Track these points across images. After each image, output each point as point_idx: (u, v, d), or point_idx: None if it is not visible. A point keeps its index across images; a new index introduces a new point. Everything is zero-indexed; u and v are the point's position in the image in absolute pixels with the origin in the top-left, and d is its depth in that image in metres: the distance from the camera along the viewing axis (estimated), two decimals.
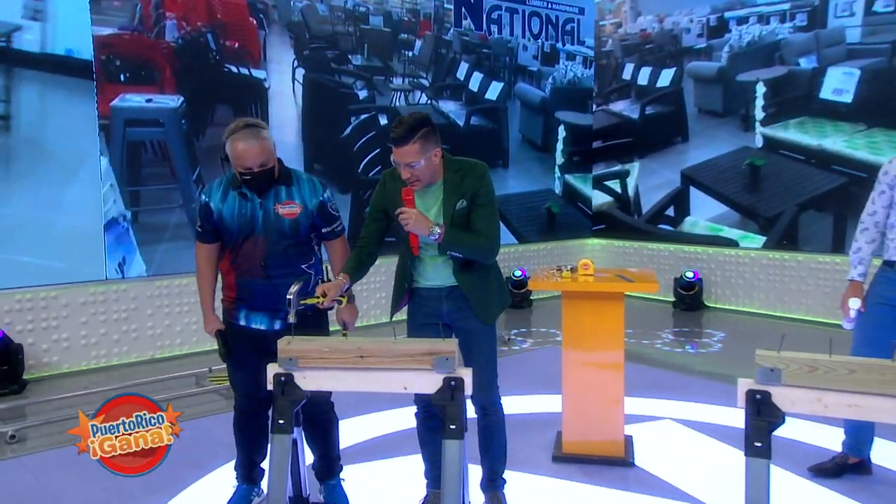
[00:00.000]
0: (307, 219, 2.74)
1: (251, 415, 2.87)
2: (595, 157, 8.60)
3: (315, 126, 6.45)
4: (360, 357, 2.18)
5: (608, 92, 8.43)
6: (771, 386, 1.92)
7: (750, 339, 6.18)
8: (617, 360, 3.48)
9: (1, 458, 3.66)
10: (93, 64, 5.27)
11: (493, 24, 7.67)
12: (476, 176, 2.63)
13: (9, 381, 4.74)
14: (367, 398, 4.03)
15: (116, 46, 5.41)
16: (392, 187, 2.68)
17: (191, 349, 5.75)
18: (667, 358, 5.63)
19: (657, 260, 7.91)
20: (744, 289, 7.23)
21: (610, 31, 8.37)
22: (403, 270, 2.74)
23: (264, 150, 2.60)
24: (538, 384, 4.59)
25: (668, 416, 4.10)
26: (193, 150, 5.77)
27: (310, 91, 6.41)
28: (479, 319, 2.69)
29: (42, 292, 5.11)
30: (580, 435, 3.51)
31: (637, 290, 3.52)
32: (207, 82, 5.83)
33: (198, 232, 2.81)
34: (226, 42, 5.92)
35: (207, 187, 2.77)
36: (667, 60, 7.86)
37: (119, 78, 5.44)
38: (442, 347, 2.16)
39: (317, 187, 2.78)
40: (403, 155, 2.52)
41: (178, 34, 5.67)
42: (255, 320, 2.78)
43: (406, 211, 2.52)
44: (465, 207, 2.61)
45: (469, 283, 2.66)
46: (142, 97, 5.54)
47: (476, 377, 2.71)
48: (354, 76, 6.71)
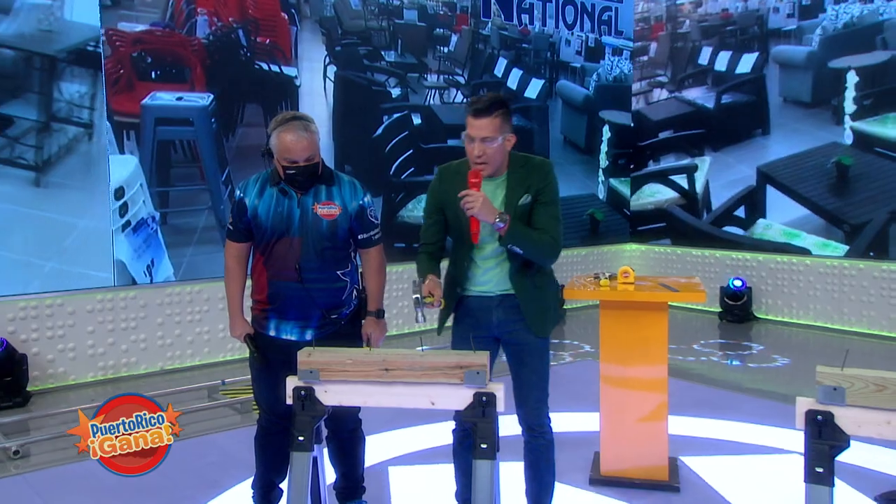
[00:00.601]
0: (346, 222, 2.76)
1: (275, 432, 2.87)
2: (662, 150, 8.30)
3: (346, 125, 6.54)
4: (385, 370, 2.18)
5: (682, 78, 8.12)
6: (834, 406, 1.89)
7: (805, 354, 6.09)
8: (660, 376, 3.44)
9: (4, 475, 3.72)
10: (101, 60, 5.37)
11: (525, 14, 7.67)
12: (542, 173, 2.64)
13: (12, 394, 4.82)
14: (391, 413, 4.04)
15: (148, 43, 5.56)
16: (449, 182, 2.69)
17: (203, 360, 5.82)
18: (713, 374, 5.56)
19: (701, 267, 7.82)
20: (797, 299, 7.11)
21: (687, 10, 8.11)
22: (455, 275, 2.72)
23: (312, 145, 2.66)
24: (573, 400, 4.56)
25: (716, 438, 4.05)
26: (223, 150, 5.88)
27: (341, 89, 6.50)
28: (532, 331, 2.66)
29: (47, 299, 5.20)
30: (620, 456, 3.47)
31: (682, 299, 3.49)
32: (238, 80, 5.95)
33: (229, 230, 2.84)
34: (257, 38, 6.04)
35: (243, 183, 2.80)
36: (749, 44, 7.53)
37: (150, 75, 5.59)
38: (472, 360, 2.15)
39: (358, 190, 2.81)
40: (481, 128, 2.53)
41: (210, 30, 5.82)
42: (286, 330, 2.79)
43: (472, 193, 2.50)
44: (528, 204, 2.61)
45: (524, 289, 2.65)
46: (172, 95, 5.68)
47: (525, 395, 2.71)
48: (387, 73, 6.79)
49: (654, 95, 8.41)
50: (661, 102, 8.34)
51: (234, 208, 2.79)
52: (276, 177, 2.74)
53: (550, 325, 2.73)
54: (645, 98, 8.49)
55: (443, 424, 4.04)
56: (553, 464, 2.82)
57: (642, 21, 8.41)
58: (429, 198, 2.80)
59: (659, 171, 8.34)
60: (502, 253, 2.64)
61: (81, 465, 3.66)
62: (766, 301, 7.34)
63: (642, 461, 3.44)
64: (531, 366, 2.70)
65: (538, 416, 2.74)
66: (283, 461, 2.90)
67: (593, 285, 3.51)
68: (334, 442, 2.88)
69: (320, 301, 2.75)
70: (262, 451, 2.94)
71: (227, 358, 5.86)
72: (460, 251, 2.70)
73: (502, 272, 2.66)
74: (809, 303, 7.02)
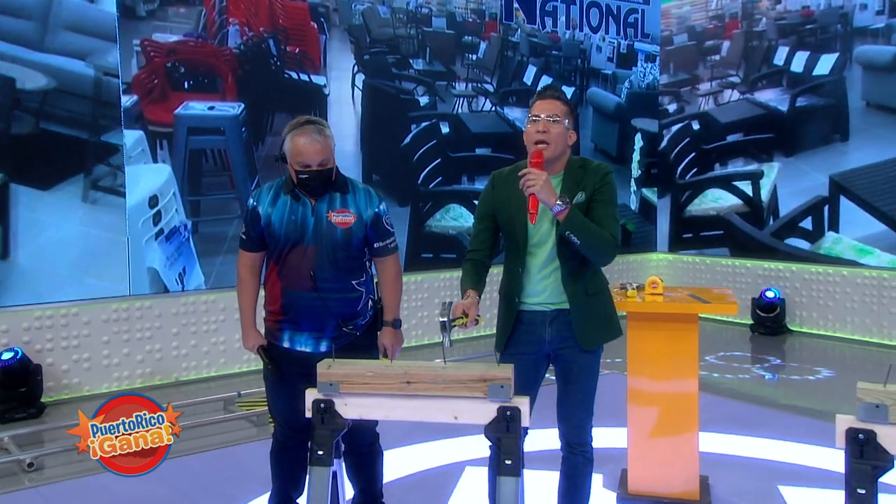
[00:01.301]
0: (361, 230, 2.77)
1: (291, 446, 2.88)
2: (729, 153, 8.00)
3: (374, 134, 6.67)
4: (407, 383, 2.18)
5: (755, 79, 7.82)
6: (876, 424, 1.85)
7: (843, 369, 6.00)
8: (690, 390, 3.40)
9: (18, 488, 3.76)
10: (118, 69, 5.46)
11: (548, 17, 7.67)
12: (600, 174, 2.66)
13: (26, 405, 4.88)
14: (413, 427, 4.03)
15: (181, 53, 5.71)
16: (501, 187, 2.70)
17: (218, 371, 5.86)
18: (745, 388, 5.49)
19: (732, 277, 7.74)
20: (834, 311, 7.01)
21: (765, 7, 7.80)
22: (508, 286, 2.70)
23: (326, 149, 2.67)
24: (599, 415, 4.51)
25: (750, 456, 3.99)
26: (253, 159, 6.02)
27: (369, 97, 6.64)
28: (579, 343, 2.64)
29: (62, 309, 5.27)
30: (649, 473, 3.44)
31: (712, 311, 3.45)
32: (268, 89, 6.12)
33: (242, 239, 2.86)
34: (287, 48, 6.22)
35: (257, 192, 2.82)
36: (830, 44, 7.23)
37: (183, 85, 5.74)
38: (497, 373, 2.14)
39: (373, 198, 2.81)
40: (548, 106, 2.57)
41: (241, 40, 5.98)
42: (300, 342, 2.80)
43: (534, 172, 2.48)
44: (583, 203, 2.60)
45: (577, 296, 2.63)
46: (204, 105, 5.83)
47: (568, 412, 2.71)
48: (416, 81, 6.92)
49: (725, 96, 8.12)
50: (732, 104, 8.02)
51: (248, 217, 2.80)
52: (289, 184, 2.76)
53: (601, 337, 2.70)
54: (714, 99, 8.20)
55: (464, 439, 4.04)
56: (589, 483, 2.80)
57: (715, 18, 8.16)
58: (480, 204, 2.80)
59: (721, 177, 8.05)
60: (555, 260, 2.62)
61: (95, 479, 3.69)
62: (801, 313, 7.24)
63: (672, 479, 3.40)
64: (578, 384, 2.69)
65: (580, 434, 2.74)
66: (300, 476, 2.90)
67: (620, 296, 3.48)
68: (351, 457, 2.88)
69: (335, 311, 2.75)
70: (278, 466, 2.95)
71: (244, 369, 5.90)
72: (513, 259, 2.69)
73: (556, 282, 2.64)
74: (847, 315, 6.92)
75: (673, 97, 8.41)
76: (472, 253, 2.74)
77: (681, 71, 8.35)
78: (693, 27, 8.28)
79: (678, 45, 8.36)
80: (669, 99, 8.42)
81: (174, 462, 4.00)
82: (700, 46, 8.22)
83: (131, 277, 5.51)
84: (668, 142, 8.51)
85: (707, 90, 8.28)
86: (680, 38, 8.36)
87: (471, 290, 2.60)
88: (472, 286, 2.62)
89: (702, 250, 8.20)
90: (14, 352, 4.89)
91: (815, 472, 3.71)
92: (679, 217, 8.42)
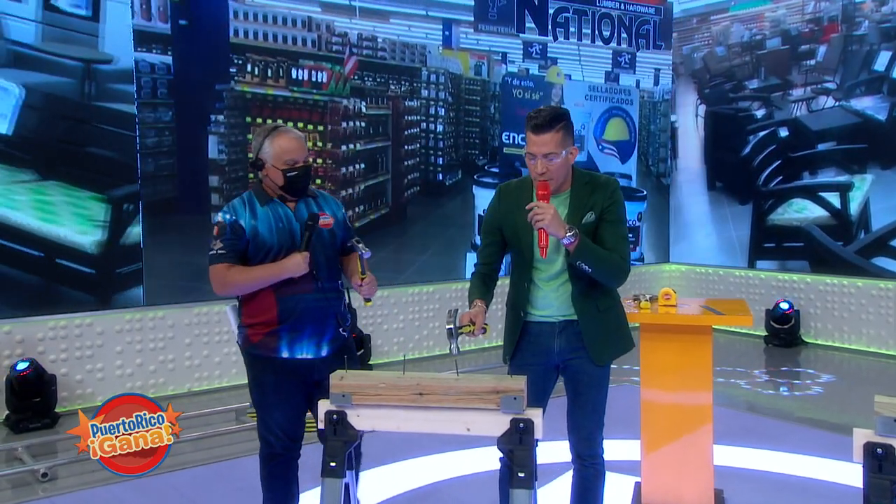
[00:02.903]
0: (340, 230, 2.86)
1: (288, 459, 2.85)
2: (818, 163, 7.53)
3: (715, 150, 8.20)
4: (419, 394, 2.18)
5: (852, 85, 7.34)
6: (894, 439, 1.83)
7: (859, 382, 5.94)
8: (704, 403, 3.38)
9: (32, 499, 3.78)
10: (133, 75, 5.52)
11: (560, 28, 7.70)
12: (608, 191, 2.62)
13: (40, 415, 4.90)
14: (426, 438, 4.02)
15: None
16: (507, 202, 2.69)
17: (230, 382, 5.86)
18: (760, 401, 5.45)
19: (746, 288, 7.69)
20: (849, 323, 6.95)
21: (868, 9, 7.29)
22: (516, 299, 2.70)
23: (305, 145, 2.80)
24: (612, 427, 4.48)
25: (765, 469, 3.96)
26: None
27: (710, 122, 8.25)
28: (591, 358, 2.63)
29: (76, 319, 5.30)
30: (662, 486, 3.41)
31: (727, 323, 3.43)
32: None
33: (220, 254, 2.71)
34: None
35: (229, 207, 2.78)
36: None
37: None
38: (509, 385, 2.14)
39: (338, 202, 2.95)
40: (543, 144, 2.51)
41: None
42: (300, 349, 2.77)
43: (542, 205, 2.47)
44: (593, 222, 2.59)
45: (587, 313, 2.62)
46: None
47: (578, 424, 2.70)
48: (751, 99, 7.91)
49: (819, 103, 7.61)
50: (825, 111, 7.49)
51: (227, 231, 2.72)
52: (263, 195, 2.78)
53: (613, 353, 2.68)
54: (807, 105, 7.69)
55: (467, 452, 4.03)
56: (601, 495, 2.78)
57: (812, 21, 7.71)
58: (487, 217, 2.78)
59: (807, 186, 7.51)
60: (563, 274, 2.61)
61: (107, 490, 3.71)
62: (815, 325, 7.18)
63: (686, 493, 3.37)
64: (588, 395, 2.67)
65: (590, 445, 2.72)
66: (296, 489, 2.89)
67: (633, 307, 3.46)
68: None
69: (334, 309, 2.79)
70: (273, 481, 2.87)
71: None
72: (520, 273, 2.68)
73: (564, 295, 2.63)
74: (862, 327, 6.86)
75: (762, 102, 8.04)
76: (480, 267, 2.74)
77: (772, 76, 7.98)
78: (788, 31, 7.86)
79: (770, 50, 7.98)
80: (758, 104, 8.06)
81: (186, 472, 4.01)
82: (794, 51, 7.81)
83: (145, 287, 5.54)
84: (751, 148, 8.07)
85: (799, 96, 7.77)
86: (772, 43, 7.97)
87: (478, 300, 2.61)
88: (480, 296, 2.63)
89: (784, 262, 7.67)
90: (29, 362, 4.92)
91: (831, 487, 3.67)
92: (761, 225, 7.95)
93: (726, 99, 8.26)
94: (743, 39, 8.08)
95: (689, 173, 8.58)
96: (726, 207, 8.16)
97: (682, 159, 8.70)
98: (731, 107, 8.12)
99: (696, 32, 8.52)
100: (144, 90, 5.54)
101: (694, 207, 8.54)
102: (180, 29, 5.61)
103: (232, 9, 5.86)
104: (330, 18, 6.37)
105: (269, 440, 2.82)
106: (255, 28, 5.98)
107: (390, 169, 6.84)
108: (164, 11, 5.55)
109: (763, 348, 7.12)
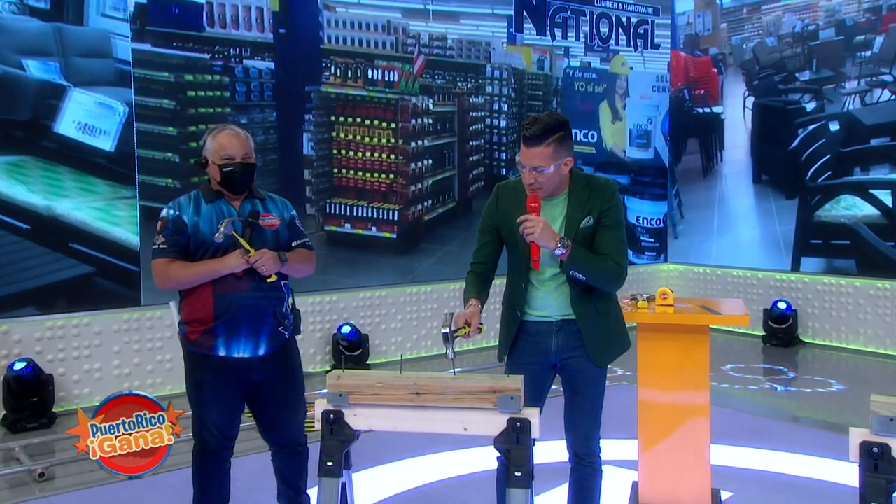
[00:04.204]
0: (285, 231, 2.90)
1: (222, 458, 2.87)
2: (870, 158, 7.17)
3: (762, 143, 7.86)
4: (416, 394, 2.18)
5: None
6: (891, 438, 1.84)
7: (856, 382, 5.95)
8: (701, 402, 3.38)
9: (29, 498, 3.77)
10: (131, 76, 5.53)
11: (558, 28, 7.71)
12: (606, 194, 2.60)
13: (38, 415, 4.89)
14: (423, 438, 4.02)
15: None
16: (506, 202, 2.68)
17: None
18: (757, 400, 5.45)
19: (743, 288, 7.70)
20: (847, 322, 6.95)
21: None
22: (513, 299, 2.70)
23: (247, 144, 2.81)
24: (609, 427, 4.47)
25: (762, 469, 3.96)
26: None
27: (758, 114, 7.91)
28: (592, 360, 2.62)
29: (74, 319, 5.30)
30: (659, 486, 3.41)
31: (724, 323, 3.43)
32: (684, 123, 8.44)
33: (162, 249, 2.75)
34: (696, 91, 8.36)
35: (175, 203, 2.82)
36: None
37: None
38: (506, 384, 2.14)
39: (287, 204, 2.98)
40: (532, 157, 2.47)
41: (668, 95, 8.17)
42: (237, 348, 2.77)
43: (532, 218, 2.47)
44: (591, 226, 2.57)
45: (586, 315, 2.61)
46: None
47: (576, 423, 2.70)
48: (802, 91, 7.61)
49: (874, 96, 7.25)
50: (881, 105, 7.11)
51: (170, 226, 2.76)
52: (209, 193, 2.81)
53: (612, 354, 2.68)
54: (861, 99, 7.33)
55: (464, 451, 4.03)
56: (599, 494, 2.78)
57: (870, 11, 7.32)
58: (484, 216, 2.77)
59: (857, 183, 7.15)
60: (561, 275, 2.61)
61: (105, 489, 3.71)
62: (813, 325, 7.19)
63: (683, 492, 3.37)
64: (585, 394, 2.67)
65: (587, 444, 2.72)
66: (227, 485, 2.93)
67: (630, 307, 3.47)
68: (282, 457, 2.95)
69: (272, 308, 2.79)
70: (209, 480, 2.87)
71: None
72: (517, 273, 2.67)
73: (562, 296, 2.62)
74: (859, 327, 6.86)
75: (813, 95, 7.73)
76: (475, 266, 2.73)
77: (825, 68, 7.64)
78: (843, 21, 7.50)
79: (823, 41, 7.63)
80: (809, 97, 7.74)
81: (183, 472, 3.99)
82: (849, 42, 7.53)
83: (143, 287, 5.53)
84: (800, 141, 7.75)
85: (853, 89, 7.37)
86: (826, 33, 7.62)
87: (473, 299, 2.60)
88: (475, 296, 2.62)
89: (831, 260, 7.34)
90: (26, 362, 4.92)
91: (828, 486, 3.67)
92: (807, 221, 7.63)
93: (775, 91, 7.92)
94: (795, 30, 7.72)
95: (736, 165, 8.23)
96: (772, 201, 7.85)
97: (728, 151, 8.34)
98: (780, 99, 7.81)
99: (746, 22, 8.23)
100: (253, 94, 6.02)
101: (739, 200, 8.21)
102: (279, 37, 6.12)
103: (325, 17, 6.37)
104: (405, 22, 6.68)
105: (204, 437, 2.84)
106: (343, 34, 6.46)
107: (456, 164, 7.03)
108: (260, 22, 6.03)
109: (761, 348, 7.13)
